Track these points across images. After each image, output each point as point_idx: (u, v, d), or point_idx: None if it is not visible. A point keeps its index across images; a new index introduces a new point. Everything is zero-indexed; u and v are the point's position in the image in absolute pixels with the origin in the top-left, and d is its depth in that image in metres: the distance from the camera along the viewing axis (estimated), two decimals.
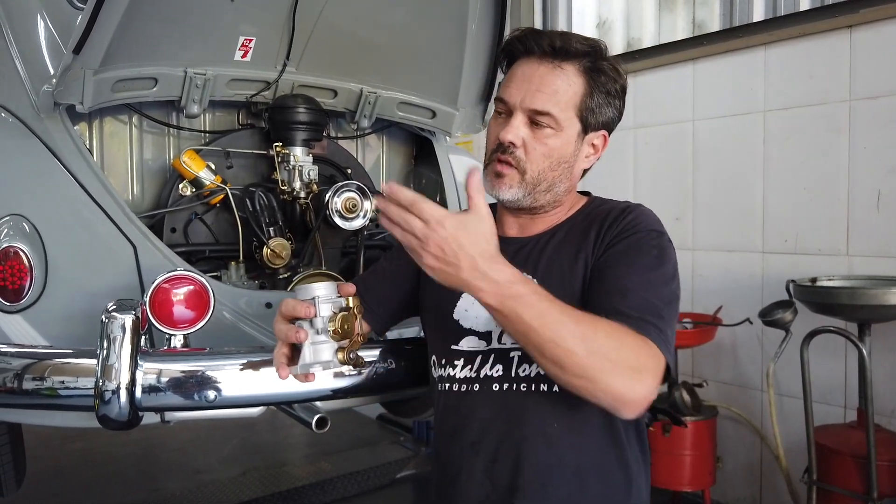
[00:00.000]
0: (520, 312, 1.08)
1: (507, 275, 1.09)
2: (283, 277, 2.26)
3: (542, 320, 1.08)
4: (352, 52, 2.37)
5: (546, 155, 1.33)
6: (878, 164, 2.84)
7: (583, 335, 1.09)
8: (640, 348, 1.13)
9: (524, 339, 1.10)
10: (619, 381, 1.10)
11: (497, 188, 1.34)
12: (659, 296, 1.24)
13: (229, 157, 2.37)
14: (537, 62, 1.33)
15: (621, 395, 1.11)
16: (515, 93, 1.32)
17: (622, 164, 3.73)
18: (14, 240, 1.80)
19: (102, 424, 1.51)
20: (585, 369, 1.09)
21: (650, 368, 1.13)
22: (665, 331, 1.19)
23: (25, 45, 2.13)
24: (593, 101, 1.34)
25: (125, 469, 3.99)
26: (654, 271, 1.27)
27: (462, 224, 1.05)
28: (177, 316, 1.64)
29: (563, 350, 1.08)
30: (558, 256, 1.35)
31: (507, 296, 1.08)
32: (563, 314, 1.10)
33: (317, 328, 1.17)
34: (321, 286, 1.18)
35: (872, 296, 2.54)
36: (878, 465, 2.50)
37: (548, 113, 1.30)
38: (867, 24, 2.87)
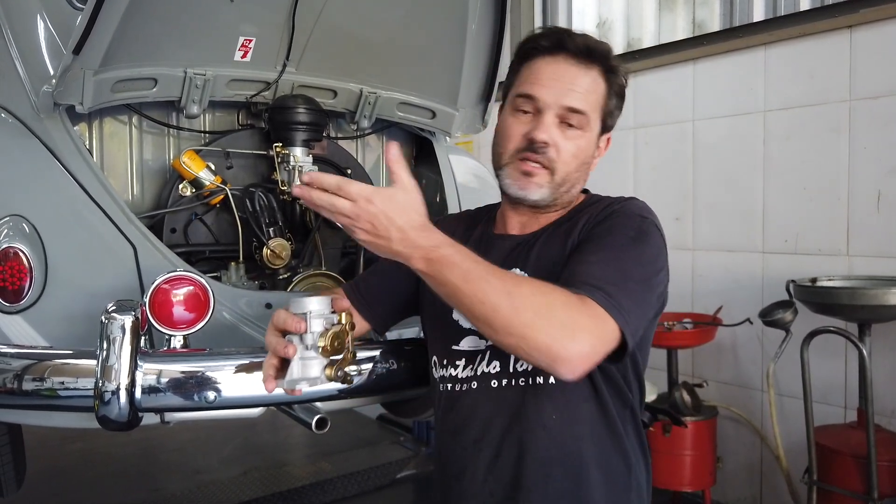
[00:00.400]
0: (446, 273, 1.10)
1: (434, 240, 1.11)
2: (283, 278, 2.26)
3: (466, 278, 1.10)
4: (352, 53, 2.37)
5: (575, 155, 1.34)
6: (879, 164, 2.85)
7: (507, 291, 1.09)
8: (574, 306, 1.12)
9: (455, 300, 1.12)
10: (549, 338, 1.09)
11: (526, 188, 1.34)
12: (623, 269, 1.22)
13: (229, 157, 2.37)
14: (566, 62, 1.33)
15: (553, 352, 1.09)
16: (547, 91, 1.32)
17: (622, 164, 3.73)
18: (14, 240, 1.80)
19: (102, 425, 1.51)
20: (513, 325, 1.09)
21: (586, 327, 1.11)
22: (616, 297, 1.16)
23: (25, 46, 2.13)
24: (612, 102, 1.38)
25: (125, 469, 3.99)
26: (625, 249, 1.25)
27: (389, 198, 1.08)
28: (176, 317, 1.64)
29: (488, 307, 1.09)
30: (548, 249, 1.36)
31: (434, 259, 1.10)
32: (488, 272, 1.11)
33: (307, 343, 1.15)
34: (314, 301, 1.17)
35: (872, 296, 2.54)
36: (878, 466, 2.50)
37: (583, 112, 1.32)
38: (867, 24, 2.87)
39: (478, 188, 2.62)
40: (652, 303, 1.27)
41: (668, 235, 1.34)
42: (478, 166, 2.81)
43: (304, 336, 1.15)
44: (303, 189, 1.09)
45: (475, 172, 2.73)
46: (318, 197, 1.07)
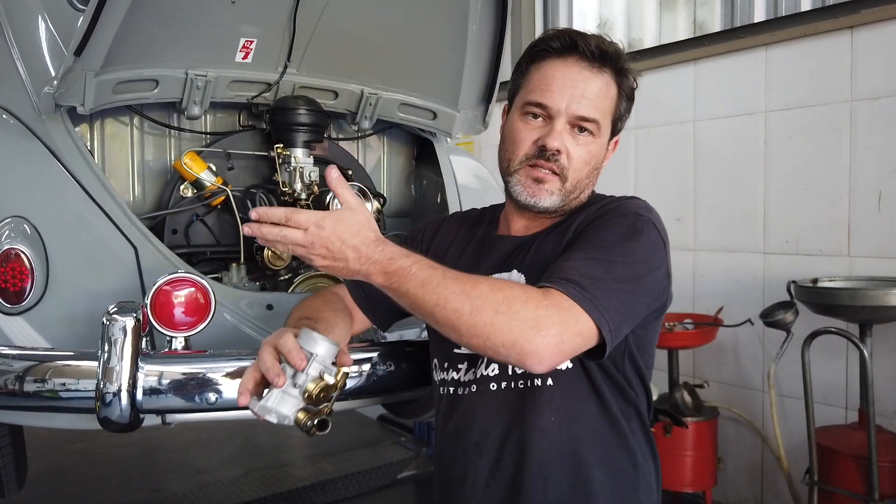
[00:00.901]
0: (405, 284, 1.11)
1: (389, 253, 1.13)
2: (285, 279, 2.25)
3: (424, 287, 1.10)
4: (353, 54, 2.37)
5: (587, 161, 1.33)
6: (880, 164, 2.85)
7: (465, 292, 1.09)
8: (535, 299, 1.11)
9: (417, 310, 1.13)
10: (512, 333, 1.08)
11: (537, 195, 1.33)
12: (606, 267, 1.19)
13: (230, 158, 2.37)
14: (579, 66, 1.30)
15: (519, 346, 1.08)
16: (558, 98, 1.29)
17: (623, 165, 3.73)
18: (15, 242, 1.80)
19: (103, 427, 1.51)
20: (476, 326, 1.09)
21: (552, 319, 1.09)
22: (595, 292, 1.14)
23: (26, 47, 2.13)
24: (623, 105, 1.36)
25: (126, 469, 3.99)
26: (613, 247, 1.22)
27: (338, 220, 1.10)
28: (178, 318, 1.64)
29: (449, 311, 1.09)
30: (543, 248, 1.35)
31: (391, 272, 1.11)
32: (444, 278, 1.11)
33: (296, 382, 1.13)
34: (324, 345, 1.15)
35: (873, 297, 2.54)
36: (879, 466, 2.51)
37: (595, 120, 1.31)
38: (868, 25, 2.87)
39: (479, 189, 2.62)
40: (642, 302, 1.23)
41: (670, 236, 1.31)
42: (479, 167, 2.81)
43: (298, 373, 1.13)
44: (252, 227, 1.11)
45: (476, 173, 2.73)
46: (268, 232, 1.10)
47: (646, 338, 1.35)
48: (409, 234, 1.64)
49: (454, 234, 1.55)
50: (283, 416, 1.13)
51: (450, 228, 1.57)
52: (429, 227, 1.61)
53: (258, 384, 1.17)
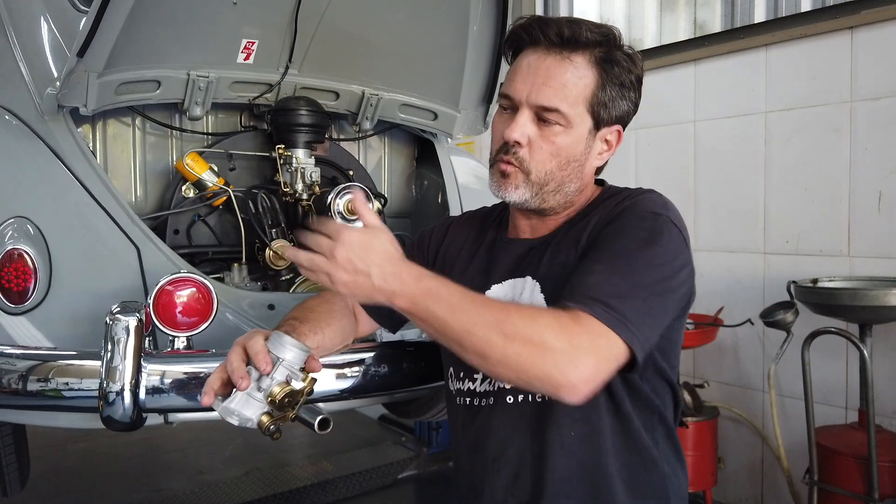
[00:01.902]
0: (431, 308, 1.06)
1: (415, 273, 1.08)
2: (286, 279, 2.26)
3: (452, 312, 1.05)
4: (354, 55, 2.38)
5: (553, 154, 1.25)
6: (880, 164, 2.85)
7: (496, 321, 1.04)
8: (567, 328, 1.05)
9: (442, 334, 1.08)
10: (546, 367, 1.03)
11: (503, 189, 1.28)
12: (631, 277, 1.14)
13: (232, 159, 2.38)
14: (544, 53, 1.24)
15: (554, 380, 1.04)
16: (521, 87, 1.24)
17: (624, 165, 3.73)
18: (18, 242, 1.81)
19: (107, 426, 1.52)
20: (508, 357, 1.04)
21: (585, 347, 1.05)
22: (623, 311, 1.09)
23: (29, 48, 2.14)
24: (606, 94, 1.25)
25: (128, 469, 3.99)
26: (635, 252, 1.17)
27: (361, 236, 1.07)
28: (180, 318, 1.65)
29: (480, 339, 1.04)
30: (558, 254, 1.29)
31: (417, 293, 1.06)
32: (474, 303, 1.07)
33: (261, 385, 1.11)
34: (292, 349, 1.13)
35: (873, 297, 2.54)
36: (879, 466, 2.51)
37: (555, 109, 1.22)
38: (868, 26, 2.87)
39: (479, 189, 2.63)
40: (670, 307, 1.19)
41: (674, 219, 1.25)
42: (479, 167, 2.82)
43: (263, 377, 1.11)
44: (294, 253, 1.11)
45: (477, 173, 2.74)
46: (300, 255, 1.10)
47: (671, 338, 1.28)
48: (416, 239, 1.60)
49: (464, 236, 1.50)
50: (246, 418, 1.12)
51: (459, 231, 1.52)
52: (436, 231, 1.56)
53: (224, 384, 1.15)
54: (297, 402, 1.14)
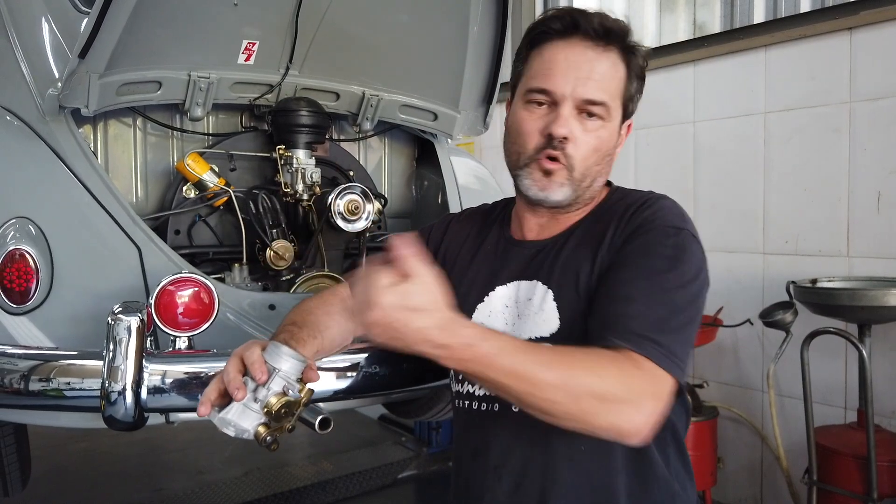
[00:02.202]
0: (488, 372, 1.00)
1: (466, 337, 0.99)
2: (287, 279, 2.27)
3: (515, 376, 1.00)
4: (354, 56, 2.38)
5: (596, 148, 1.23)
6: (879, 165, 2.86)
7: (561, 381, 1.01)
8: (629, 373, 1.04)
9: (503, 393, 1.03)
10: (613, 417, 1.02)
11: (547, 188, 1.24)
12: (668, 302, 1.13)
13: (233, 159, 2.39)
14: (582, 46, 1.20)
15: (619, 430, 1.04)
16: (562, 81, 1.20)
17: (623, 165, 3.74)
18: (20, 242, 1.81)
19: (108, 425, 1.52)
20: (573, 414, 1.02)
21: (647, 393, 1.05)
22: (670, 346, 1.09)
23: (30, 48, 2.14)
24: (633, 86, 1.26)
25: (128, 469, 3.99)
26: (666, 274, 1.15)
27: (406, 291, 0.96)
28: (181, 318, 1.66)
29: (544, 400, 1.01)
30: (573, 262, 1.25)
31: (469, 359, 0.99)
32: (535, 363, 1.01)
33: (257, 396, 1.10)
34: (289, 360, 1.11)
35: (872, 297, 2.55)
36: (878, 466, 2.51)
37: (602, 102, 1.21)
38: (867, 26, 2.88)
39: (479, 189, 2.64)
40: (698, 320, 1.20)
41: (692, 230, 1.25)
42: (479, 167, 2.83)
43: (259, 387, 1.10)
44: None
45: (476, 174, 2.75)
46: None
47: None
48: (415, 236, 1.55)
49: (464, 235, 1.46)
50: (243, 429, 1.11)
51: (460, 229, 1.48)
52: (436, 229, 1.52)
53: (221, 395, 1.13)
54: (294, 412, 1.12)
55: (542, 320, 1.24)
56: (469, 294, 1.35)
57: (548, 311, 1.24)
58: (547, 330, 1.23)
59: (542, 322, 1.24)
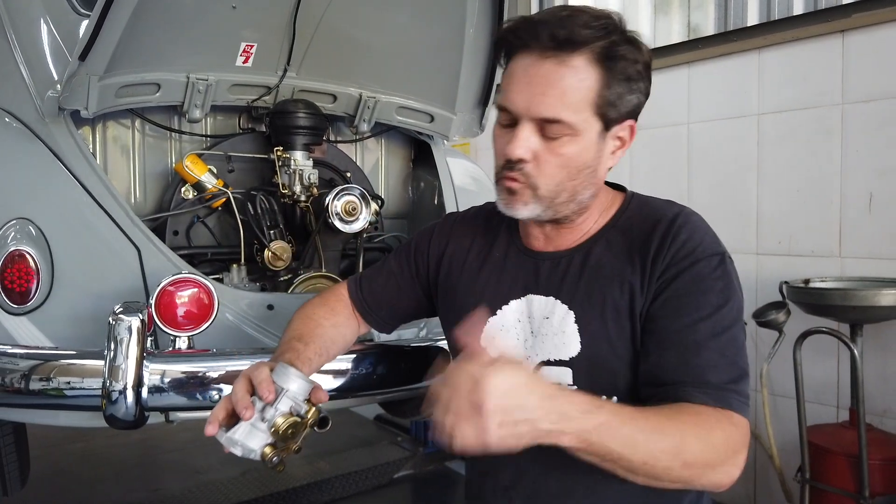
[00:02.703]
0: (608, 444, 0.95)
1: (578, 405, 0.95)
2: (285, 280, 2.29)
3: (633, 446, 0.96)
4: (351, 58, 2.40)
5: (562, 165, 1.14)
6: (871, 166, 2.88)
7: (675, 450, 0.99)
8: (731, 437, 1.04)
9: (614, 465, 0.98)
10: (719, 479, 1.04)
11: (511, 207, 1.18)
12: (733, 339, 1.11)
13: (231, 160, 2.40)
14: (539, 58, 1.10)
15: (720, 486, 1.05)
16: (518, 99, 1.12)
17: (618, 167, 3.71)
18: (21, 243, 1.83)
19: (110, 424, 1.55)
20: (683, 478, 1.02)
21: (740, 445, 1.06)
22: (745, 391, 1.09)
23: (30, 50, 2.16)
24: (612, 92, 1.13)
25: (125, 469, 4.00)
26: (723, 309, 1.12)
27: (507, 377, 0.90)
28: (181, 318, 1.68)
29: (659, 469, 0.99)
30: (598, 284, 1.19)
31: (590, 430, 0.94)
32: (646, 431, 0.98)
33: (264, 416, 1.10)
34: (296, 381, 1.11)
35: (864, 297, 2.56)
36: (869, 464, 2.53)
37: (558, 120, 1.11)
38: (859, 29, 2.90)
39: (475, 190, 2.66)
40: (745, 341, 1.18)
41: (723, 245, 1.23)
42: (475, 169, 2.84)
43: (267, 407, 1.10)
44: None
45: (473, 175, 2.76)
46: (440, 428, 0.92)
47: None
48: (414, 241, 1.48)
49: (471, 238, 1.39)
50: (249, 449, 1.11)
51: (464, 231, 1.42)
52: (437, 232, 1.45)
53: (229, 415, 1.12)
54: (301, 433, 1.12)
55: (561, 343, 1.20)
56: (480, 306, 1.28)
57: (569, 334, 1.19)
58: (566, 354, 1.19)
59: (561, 345, 1.20)
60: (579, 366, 1.18)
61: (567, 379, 1.18)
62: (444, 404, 0.90)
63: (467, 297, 1.32)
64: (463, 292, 1.33)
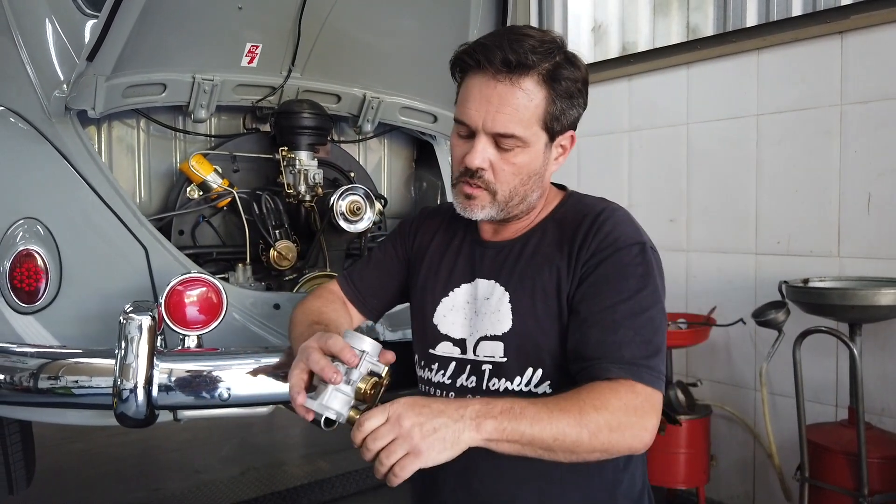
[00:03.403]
0: (518, 426, 1.07)
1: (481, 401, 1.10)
2: (290, 279, 2.30)
3: (539, 424, 1.08)
4: (356, 58, 2.41)
5: (515, 173, 1.29)
6: (869, 167, 2.90)
7: (576, 422, 1.10)
8: (633, 403, 1.16)
9: (531, 446, 1.10)
10: (627, 441, 1.15)
11: (469, 210, 1.32)
12: (650, 320, 1.24)
13: (236, 160, 2.41)
14: (493, 80, 1.24)
15: (634, 448, 1.17)
16: (475, 115, 1.25)
17: (617, 167, 3.77)
18: (30, 243, 1.84)
19: (120, 422, 1.55)
20: (595, 448, 1.12)
21: (647, 411, 1.17)
22: (657, 366, 1.21)
23: (36, 51, 2.16)
24: (556, 107, 1.28)
25: (125, 469, 4.00)
26: (641, 293, 1.25)
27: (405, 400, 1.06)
28: (190, 317, 1.68)
29: (569, 443, 1.10)
30: (530, 269, 1.33)
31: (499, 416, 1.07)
32: (550, 409, 1.10)
33: (349, 378, 1.15)
34: (370, 343, 1.16)
35: (863, 296, 2.58)
36: (868, 463, 2.54)
37: (512, 135, 1.25)
38: (858, 30, 2.92)
39: None
40: (666, 325, 1.31)
41: (663, 237, 1.33)
42: None
43: (351, 370, 1.15)
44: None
45: None
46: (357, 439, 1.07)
47: None
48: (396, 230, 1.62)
49: (433, 230, 1.54)
50: (337, 412, 1.14)
51: (431, 224, 1.56)
52: (415, 222, 1.59)
53: (306, 384, 1.18)
54: (379, 393, 1.17)
55: (496, 320, 1.33)
56: (436, 288, 1.44)
57: (503, 312, 1.33)
58: (500, 329, 1.33)
59: (496, 321, 1.33)
60: (510, 340, 1.32)
61: (499, 351, 1.33)
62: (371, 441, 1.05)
63: (428, 279, 1.46)
64: (424, 275, 1.48)
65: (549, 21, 4.45)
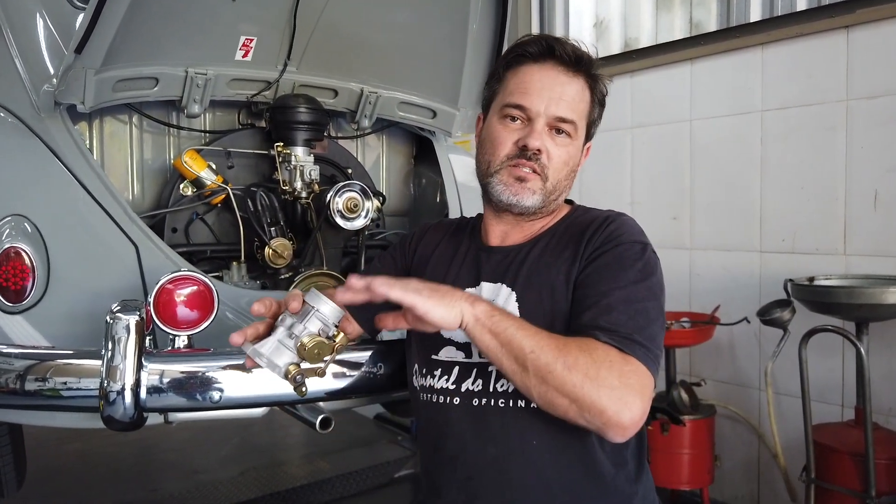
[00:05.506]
0: (504, 323, 1.14)
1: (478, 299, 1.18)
2: (285, 277, 2.26)
3: (524, 329, 1.14)
4: (353, 52, 2.37)
5: (566, 162, 1.36)
6: (876, 163, 2.86)
7: (557, 349, 1.12)
8: (620, 367, 1.14)
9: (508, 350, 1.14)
10: (602, 402, 1.10)
11: (519, 194, 1.34)
12: (645, 311, 1.24)
13: (230, 156, 2.38)
14: (555, 70, 1.34)
15: (607, 417, 1.11)
16: (537, 100, 1.32)
17: (620, 164, 3.73)
18: (16, 240, 1.80)
19: (107, 425, 1.51)
20: (565, 385, 1.11)
21: (633, 388, 1.13)
22: (653, 350, 1.19)
23: (25, 45, 2.12)
24: (595, 112, 1.39)
25: (123, 469, 3.98)
26: (639, 284, 1.26)
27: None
28: (181, 317, 1.64)
29: (542, 362, 1.12)
30: (538, 268, 1.35)
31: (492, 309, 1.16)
32: (542, 330, 1.15)
33: (293, 332, 1.15)
34: (327, 305, 1.16)
35: (870, 295, 2.55)
36: (876, 464, 2.51)
37: (572, 121, 1.33)
38: (864, 25, 2.88)
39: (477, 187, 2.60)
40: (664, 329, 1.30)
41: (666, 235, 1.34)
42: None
43: (294, 324, 1.15)
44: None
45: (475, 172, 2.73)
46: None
47: None
48: (397, 243, 1.67)
49: (436, 242, 1.56)
50: (274, 364, 1.14)
51: (433, 236, 1.58)
52: (416, 235, 1.62)
53: (258, 335, 1.22)
54: (326, 356, 1.16)
55: None
56: None
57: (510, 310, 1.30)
58: None
59: None
60: None
61: None
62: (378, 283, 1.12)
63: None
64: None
65: (551, 16, 4.42)
